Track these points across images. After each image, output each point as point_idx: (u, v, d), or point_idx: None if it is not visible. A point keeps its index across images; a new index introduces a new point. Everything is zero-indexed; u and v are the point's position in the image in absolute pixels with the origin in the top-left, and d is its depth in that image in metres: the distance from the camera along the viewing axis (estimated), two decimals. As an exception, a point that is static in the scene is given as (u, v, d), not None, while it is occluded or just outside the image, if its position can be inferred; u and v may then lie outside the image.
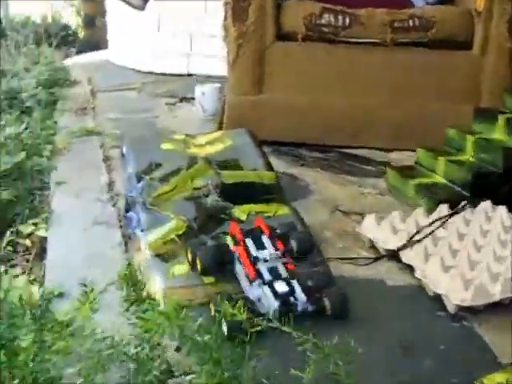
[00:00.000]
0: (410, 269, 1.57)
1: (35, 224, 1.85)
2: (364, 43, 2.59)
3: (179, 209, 1.69)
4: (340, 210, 2.02)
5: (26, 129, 2.57)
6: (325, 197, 2.12)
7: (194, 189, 1.79)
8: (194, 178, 1.82)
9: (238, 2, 2.54)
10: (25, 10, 7.72)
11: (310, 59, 2.62)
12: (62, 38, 6.97)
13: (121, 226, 1.82)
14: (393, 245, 1.62)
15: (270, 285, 1.42)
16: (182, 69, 4.53)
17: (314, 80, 2.63)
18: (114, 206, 1.99)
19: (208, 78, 3.93)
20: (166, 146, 1.96)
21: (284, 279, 1.44)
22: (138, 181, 1.81)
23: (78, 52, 6.61)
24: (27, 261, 1.82)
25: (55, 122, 3.00)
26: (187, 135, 2.08)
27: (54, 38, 5.46)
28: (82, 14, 9.82)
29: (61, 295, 1.42)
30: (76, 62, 5.30)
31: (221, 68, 4.26)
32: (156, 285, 1.45)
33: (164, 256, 1.54)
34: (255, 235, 1.54)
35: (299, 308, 1.39)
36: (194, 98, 3.82)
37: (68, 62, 5.05)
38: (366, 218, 1.78)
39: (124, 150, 1.96)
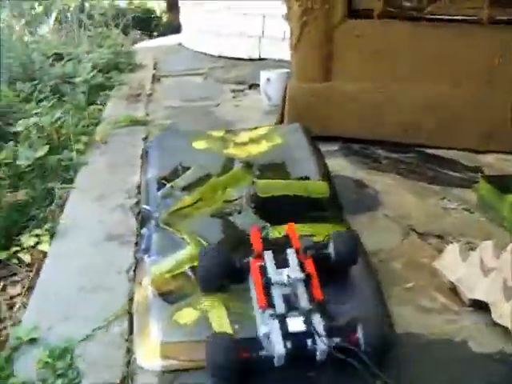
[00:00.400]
0: (505, 330, 1.13)
1: (38, 235, 1.53)
2: (454, 21, 2.11)
3: (201, 229, 1.32)
4: (415, 231, 1.59)
5: (59, 118, 2.27)
6: (397, 211, 1.70)
7: (225, 202, 1.42)
8: (227, 187, 1.45)
9: (302, -29, 2.13)
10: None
11: (388, 41, 2.17)
12: (145, 22, 6.81)
13: (136, 244, 1.47)
14: (482, 294, 1.18)
15: (282, 319, 1.02)
16: (254, 53, 4.17)
17: (392, 66, 2.18)
18: (138, 214, 1.65)
19: (278, 63, 3.56)
20: (198, 144, 1.61)
21: (303, 313, 1.04)
22: (158, 189, 1.47)
23: (160, 35, 6.40)
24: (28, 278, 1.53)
25: (100, 110, 2.71)
26: (228, 131, 1.70)
27: (137, 22, 5.22)
28: (166, -2, 9.71)
29: (32, 341, 1.09)
30: (146, 46, 5.05)
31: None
32: (151, 336, 1.10)
33: (170, 295, 1.18)
34: (279, 247, 1.16)
35: (318, 355, 0.99)
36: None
37: (138, 45, 4.79)
38: (448, 249, 1.34)
39: (148, 149, 1.62)
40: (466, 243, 1.47)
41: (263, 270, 1.10)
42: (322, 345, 0.98)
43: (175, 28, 8.22)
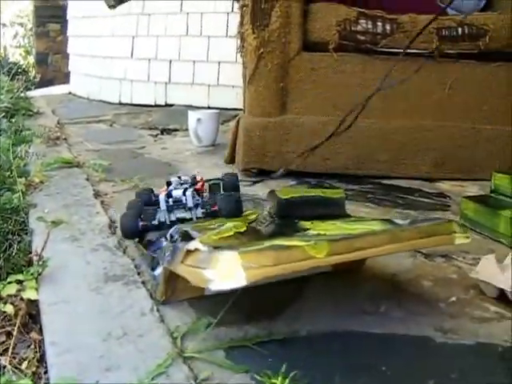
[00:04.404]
0: None
1: (19, 282, 1.29)
2: (406, 54, 2.17)
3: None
4: (420, 253, 1.55)
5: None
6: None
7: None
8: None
9: (258, 4, 2.09)
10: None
11: (343, 73, 2.18)
12: (15, 74, 6.47)
13: (143, 283, 1.29)
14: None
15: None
16: (160, 99, 4.07)
17: (347, 98, 2.19)
18: (124, 253, 1.46)
19: (188, 108, 3.48)
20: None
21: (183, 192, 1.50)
22: (165, 239, 1.32)
23: (35, 88, 6.12)
24: (9, 335, 1.28)
25: (26, 152, 2.45)
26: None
27: (7, 72, 4.91)
28: (33, 52, 9.38)
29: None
30: (36, 95, 4.77)
31: (203, 97, 3.88)
32: (223, 255, 0.95)
33: (226, 246, 1.04)
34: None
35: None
36: (176, 130, 3.38)
37: (28, 93, 4.51)
38: (484, 260, 1.32)
39: None
40: (473, 259, 1.48)
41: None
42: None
43: (47, 81, 7.95)
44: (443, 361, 1.03)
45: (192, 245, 1.01)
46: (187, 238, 1.22)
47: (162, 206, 1.48)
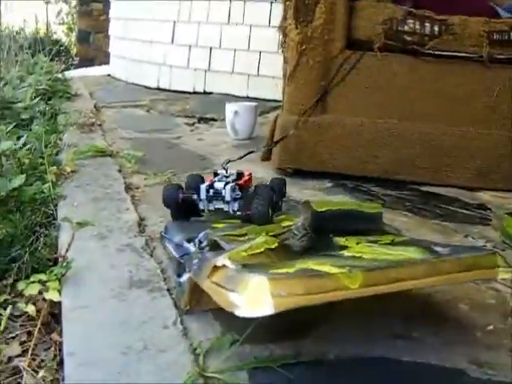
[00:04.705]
0: None
1: (42, 282, 1.26)
2: (455, 58, 2.07)
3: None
4: (458, 272, 1.47)
5: (23, 145, 2.00)
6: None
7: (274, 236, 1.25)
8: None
9: (302, -1, 2.02)
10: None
11: (387, 74, 2.10)
12: (56, 53, 6.52)
13: (169, 290, 1.25)
14: None
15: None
16: (198, 86, 4.03)
17: (390, 100, 2.11)
18: (151, 255, 1.43)
19: (226, 97, 3.44)
20: (219, 225, 1.45)
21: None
22: (194, 244, 1.27)
23: (75, 68, 6.15)
24: (30, 335, 1.26)
25: (60, 139, 2.44)
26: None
27: (48, 51, 4.92)
28: (76, 30, 9.44)
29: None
30: (75, 76, 4.78)
31: (242, 86, 3.83)
32: (252, 281, 0.90)
33: (255, 265, 0.99)
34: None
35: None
36: (214, 119, 3.33)
37: (67, 74, 4.51)
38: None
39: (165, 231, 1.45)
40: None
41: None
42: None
43: (88, 60, 7.99)
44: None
45: (220, 261, 0.97)
46: (216, 247, 1.18)
47: (202, 195, 1.53)
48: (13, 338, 1.27)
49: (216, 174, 1.63)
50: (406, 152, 2.14)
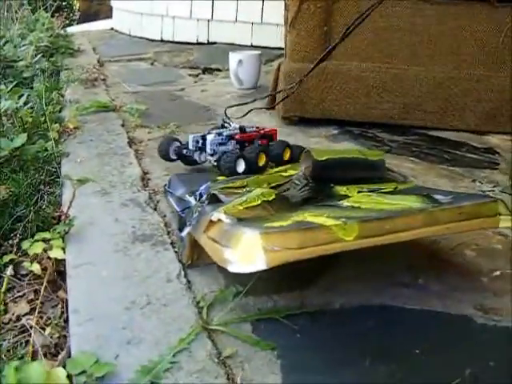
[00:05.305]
0: None
1: (46, 240, 1.26)
2: (460, -1, 2.01)
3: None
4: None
5: (25, 103, 1.98)
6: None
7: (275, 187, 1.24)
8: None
9: None
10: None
11: (391, 17, 2.04)
12: (58, 8, 6.42)
13: (172, 244, 1.25)
14: None
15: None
16: (202, 36, 3.96)
17: (394, 45, 2.06)
18: (155, 210, 1.42)
19: (231, 47, 3.38)
20: (222, 177, 1.43)
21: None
22: (195, 197, 1.26)
23: (78, 23, 6.05)
24: (36, 293, 1.27)
25: (62, 96, 2.41)
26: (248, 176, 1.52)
27: (49, 6, 4.82)
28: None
29: (103, 379, 0.85)
30: (77, 31, 4.71)
31: (246, 35, 3.75)
32: (245, 236, 0.89)
33: (251, 219, 0.99)
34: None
35: None
36: (218, 69, 3.28)
37: (69, 30, 4.45)
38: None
39: (168, 184, 1.43)
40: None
41: None
42: None
43: (92, 15, 7.87)
44: (482, 346, 0.97)
45: (216, 215, 0.96)
46: (215, 201, 1.17)
47: (190, 145, 1.60)
48: (20, 296, 1.28)
49: (223, 126, 1.65)
50: (413, 96, 2.10)
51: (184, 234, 1.20)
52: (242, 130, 1.63)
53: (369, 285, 1.13)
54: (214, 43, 3.89)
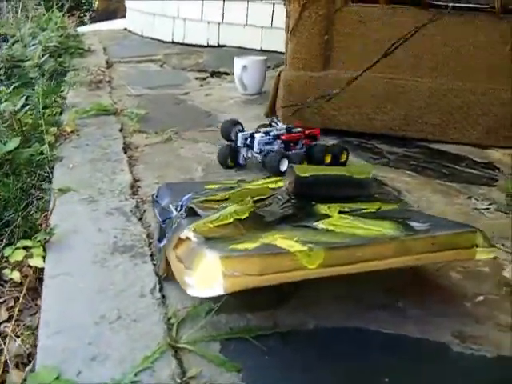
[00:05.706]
0: None
1: (27, 248, 1.26)
2: (464, 9, 1.97)
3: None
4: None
5: (23, 106, 1.98)
6: (429, 212, 1.53)
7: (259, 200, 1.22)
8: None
9: None
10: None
11: (394, 27, 2.01)
12: (76, 6, 6.47)
13: (152, 256, 1.24)
14: None
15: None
16: (212, 39, 3.95)
17: (395, 55, 2.03)
18: (140, 220, 1.41)
19: (240, 50, 3.37)
20: (212, 186, 1.41)
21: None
22: (176, 208, 1.25)
23: (93, 21, 6.07)
24: (16, 299, 1.26)
25: (63, 98, 2.42)
26: (240, 180, 1.51)
27: (66, 2, 4.84)
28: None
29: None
30: (89, 31, 4.72)
31: (256, 39, 3.73)
32: (206, 258, 0.88)
33: (219, 238, 0.98)
34: None
35: None
36: (227, 73, 3.27)
37: (81, 29, 4.46)
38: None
39: (156, 195, 1.42)
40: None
41: None
42: None
43: (110, 13, 7.89)
44: (455, 375, 0.94)
45: (185, 233, 0.94)
46: (192, 214, 1.16)
47: (239, 142, 1.72)
48: (0, 303, 1.27)
49: (270, 125, 1.78)
50: (414, 108, 2.07)
51: (162, 244, 1.19)
52: (289, 130, 1.74)
53: (345, 306, 1.11)
54: (224, 46, 3.87)
